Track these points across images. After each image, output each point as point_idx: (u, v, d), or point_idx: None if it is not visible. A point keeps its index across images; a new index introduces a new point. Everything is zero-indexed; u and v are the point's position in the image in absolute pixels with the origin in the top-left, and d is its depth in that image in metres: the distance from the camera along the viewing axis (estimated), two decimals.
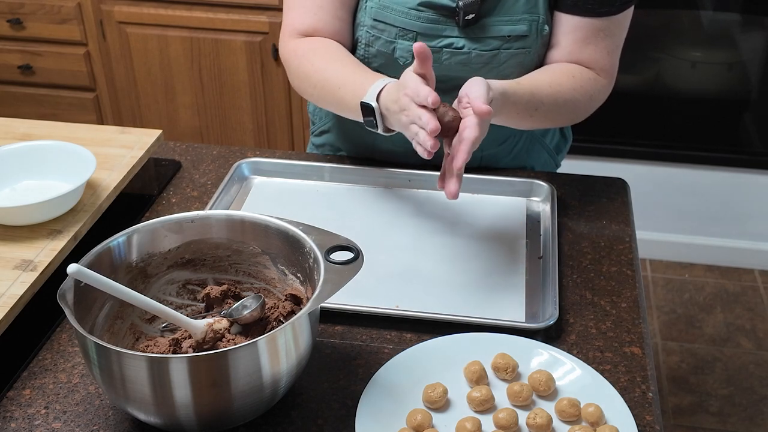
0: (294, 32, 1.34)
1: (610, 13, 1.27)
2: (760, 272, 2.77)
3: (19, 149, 1.29)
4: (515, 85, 1.20)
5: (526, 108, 1.22)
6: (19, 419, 0.96)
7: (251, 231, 1.03)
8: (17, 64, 2.64)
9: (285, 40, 1.35)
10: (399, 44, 1.29)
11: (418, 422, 0.93)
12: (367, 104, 1.16)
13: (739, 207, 2.72)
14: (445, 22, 1.27)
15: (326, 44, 1.31)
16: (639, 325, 1.10)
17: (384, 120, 1.17)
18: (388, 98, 1.14)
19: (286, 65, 1.36)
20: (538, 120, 1.27)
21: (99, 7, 2.51)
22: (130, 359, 0.84)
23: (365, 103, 1.17)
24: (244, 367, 0.85)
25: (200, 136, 2.69)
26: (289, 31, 1.35)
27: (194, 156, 1.46)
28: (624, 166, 2.67)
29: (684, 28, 2.72)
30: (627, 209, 1.33)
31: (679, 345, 2.49)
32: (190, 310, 1.05)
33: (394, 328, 1.09)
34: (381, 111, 1.16)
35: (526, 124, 1.29)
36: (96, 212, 1.24)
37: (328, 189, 1.37)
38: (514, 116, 1.22)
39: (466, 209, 1.32)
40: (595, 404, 0.95)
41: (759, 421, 2.25)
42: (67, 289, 0.90)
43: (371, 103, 1.16)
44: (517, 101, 1.19)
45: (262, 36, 2.46)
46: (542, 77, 1.26)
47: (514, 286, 1.16)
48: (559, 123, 1.34)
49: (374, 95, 1.16)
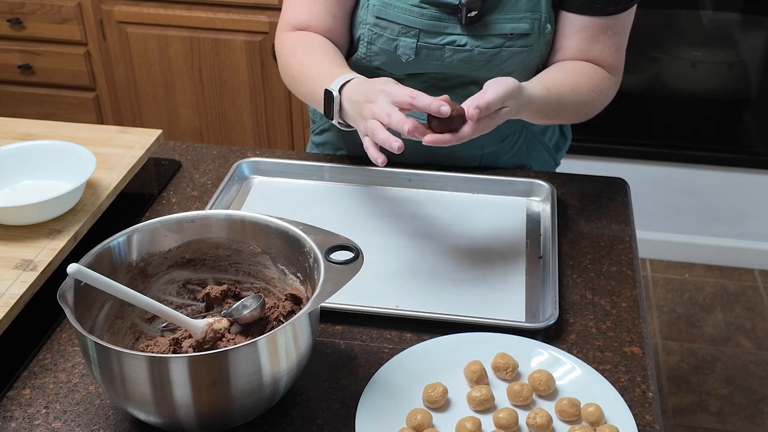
0: (288, 26, 1.36)
1: (616, 11, 1.28)
2: (760, 272, 2.77)
3: (19, 149, 1.29)
4: (545, 92, 1.20)
5: (549, 112, 1.24)
6: (19, 419, 0.96)
7: (251, 231, 1.03)
8: (17, 64, 2.64)
9: (279, 33, 1.37)
10: (401, 42, 1.30)
11: (418, 422, 0.93)
12: (329, 91, 1.16)
13: (739, 207, 2.72)
14: (448, 19, 1.28)
15: (312, 38, 1.32)
16: (639, 325, 1.10)
17: (342, 112, 1.16)
18: (353, 89, 1.14)
19: (277, 57, 1.38)
20: (556, 119, 1.31)
21: (99, 7, 2.51)
22: (130, 359, 0.84)
23: (327, 90, 1.17)
24: (244, 366, 0.85)
25: (200, 135, 2.69)
26: (284, 25, 1.37)
27: (194, 156, 1.46)
28: (624, 166, 2.67)
29: (684, 28, 2.72)
30: (627, 209, 1.34)
31: (679, 345, 2.49)
32: (190, 309, 1.05)
33: (394, 328, 1.09)
34: (341, 101, 1.15)
35: (544, 122, 1.33)
36: (96, 212, 1.24)
37: (328, 189, 1.37)
38: (536, 117, 1.25)
39: (466, 209, 1.32)
40: (595, 404, 0.95)
41: (759, 421, 2.25)
42: (67, 288, 0.90)
43: (333, 91, 1.16)
44: (543, 107, 1.21)
45: (262, 36, 2.46)
46: (565, 81, 1.27)
47: (514, 286, 1.16)
48: (574, 121, 1.36)
49: (339, 84, 1.16)
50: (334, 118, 1.17)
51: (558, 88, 1.24)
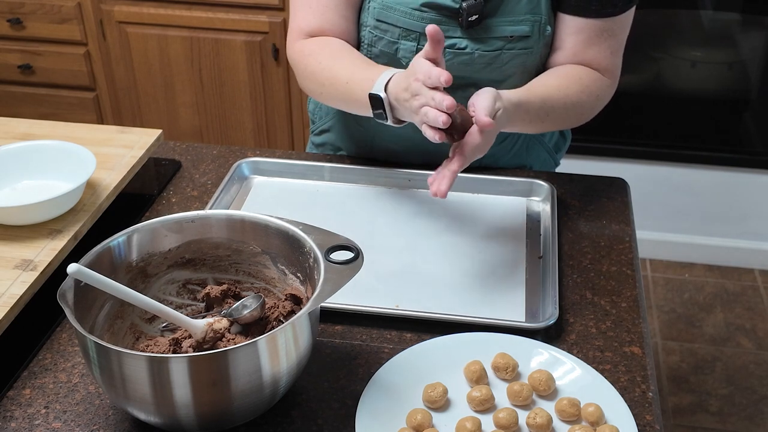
0: (301, 33, 1.33)
1: (613, 14, 1.28)
2: (760, 272, 2.77)
3: (19, 149, 1.29)
4: (527, 94, 1.21)
5: (538, 115, 1.23)
6: (19, 419, 0.96)
7: (251, 231, 1.03)
8: (17, 64, 2.64)
9: (292, 41, 1.35)
10: (402, 45, 1.29)
11: (418, 422, 0.93)
12: (376, 95, 1.15)
13: (739, 207, 2.72)
14: (448, 22, 1.27)
15: (332, 42, 1.31)
16: (639, 325, 1.10)
17: (393, 111, 1.16)
18: (398, 87, 1.13)
19: (294, 66, 1.36)
20: (548, 125, 1.28)
21: (99, 7, 2.51)
22: (130, 359, 0.84)
23: (374, 94, 1.16)
24: (244, 366, 0.85)
25: (200, 135, 2.69)
26: (296, 33, 1.34)
27: (194, 156, 1.46)
28: (624, 166, 2.67)
29: (684, 28, 2.72)
30: (627, 209, 1.34)
31: (679, 345, 2.49)
32: (190, 309, 1.05)
33: (394, 328, 1.09)
34: (390, 101, 1.15)
35: (537, 129, 1.30)
36: (96, 212, 1.24)
37: (328, 189, 1.37)
38: (527, 124, 1.24)
39: (466, 209, 1.32)
40: (595, 404, 0.95)
41: (759, 421, 2.25)
42: (67, 288, 0.90)
43: (379, 94, 1.15)
44: (530, 109, 1.20)
45: (262, 36, 2.46)
46: (551, 83, 1.27)
47: (514, 286, 1.16)
48: (567, 125, 1.35)
49: (382, 86, 1.15)
50: (387, 119, 1.17)
51: (541, 89, 1.24)
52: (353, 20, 1.33)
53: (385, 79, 1.16)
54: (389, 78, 1.16)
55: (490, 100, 1.10)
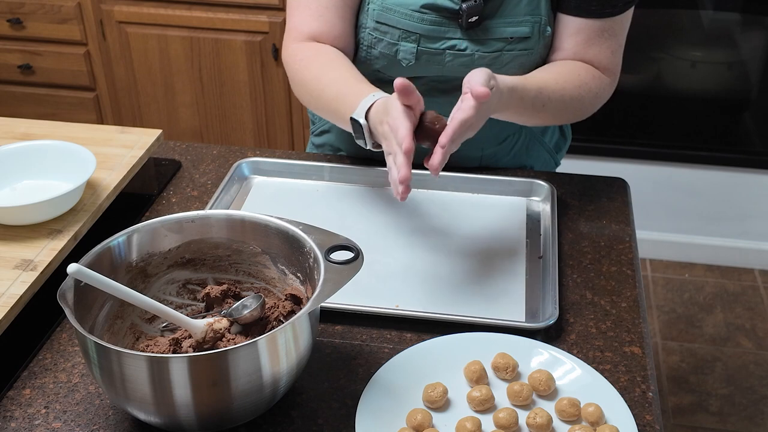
0: (299, 35, 1.33)
1: (613, 14, 1.28)
2: (760, 272, 2.77)
3: (19, 149, 1.29)
4: (523, 80, 1.20)
5: (533, 104, 1.22)
6: (19, 419, 0.96)
7: (251, 231, 1.03)
8: (17, 64, 2.64)
9: (288, 43, 1.34)
10: (402, 46, 1.29)
11: (418, 422, 0.93)
12: (356, 120, 1.15)
13: (739, 207, 2.72)
14: (448, 24, 1.27)
15: (325, 51, 1.30)
16: (639, 325, 1.10)
17: (373, 136, 1.15)
18: (376, 117, 1.12)
19: (287, 69, 1.35)
20: (544, 117, 1.28)
21: (99, 7, 2.51)
22: (130, 359, 0.84)
23: (354, 119, 1.15)
24: (244, 366, 0.85)
25: (200, 135, 2.69)
26: (293, 35, 1.33)
27: (194, 155, 1.46)
28: (624, 166, 2.67)
29: (684, 28, 2.72)
30: (627, 209, 1.34)
31: (679, 345, 2.49)
32: (190, 309, 1.05)
33: (394, 328, 1.09)
34: (369, 128, 1.14)
35: (533, 121, 1.29)
36: (96, 212, 1.24)
37: (328, 189, 1.37)
38: (522, 112, 1.22)
39: (466, 209, 1.32)
40: (595, 404, 0.95)
41: (759, 420, 2.25)
42: (67, 288, 0.90)
43: (360, 120, 1.14)
44: (525, 96, 1.19)
45: (262, 36, 2.46)
46: (549, 74, 1.26)
47: (514, 286, 1.16)
48: (565, 120, 1.34)
49: (363, 111, 1.14)
50: (366, 145, 1.16)
51: (538, 80, 1.23)
52: (351, 22, 1.33)
53: (367, 105, 1.14)
54: (371, 104, 1.14)
55: (485, 76, 1.08)
